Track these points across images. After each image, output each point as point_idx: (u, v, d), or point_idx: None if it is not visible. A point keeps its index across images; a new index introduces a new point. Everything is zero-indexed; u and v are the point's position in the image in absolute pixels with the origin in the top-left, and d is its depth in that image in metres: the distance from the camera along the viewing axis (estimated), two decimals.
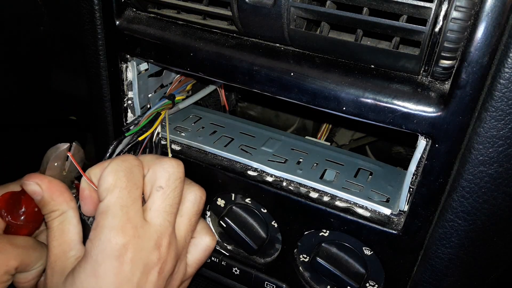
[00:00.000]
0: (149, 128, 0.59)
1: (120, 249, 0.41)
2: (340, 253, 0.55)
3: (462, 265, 0.47)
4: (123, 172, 0.44)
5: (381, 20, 0.39)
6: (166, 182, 0.46)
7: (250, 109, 0.82)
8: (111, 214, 0.42)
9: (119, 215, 0.42)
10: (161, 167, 0.46)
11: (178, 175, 0.47)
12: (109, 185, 0.43)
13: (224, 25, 0.50)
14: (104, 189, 0.43)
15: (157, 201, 0.45)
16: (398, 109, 0.42)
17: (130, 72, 0.60)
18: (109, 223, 0.42)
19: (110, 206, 0.42)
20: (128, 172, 0.44)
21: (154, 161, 0.47)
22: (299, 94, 0.47)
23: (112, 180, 0.43)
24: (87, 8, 0.56)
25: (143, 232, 0.43)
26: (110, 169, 0.44)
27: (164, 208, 0.45)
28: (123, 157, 0.46)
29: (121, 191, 0.43)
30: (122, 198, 0.43)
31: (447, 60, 0.39)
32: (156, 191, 0.45)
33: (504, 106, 0.38)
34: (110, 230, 0.42)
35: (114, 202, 0.43)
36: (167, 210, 0.46)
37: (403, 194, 0.49)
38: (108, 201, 0.43)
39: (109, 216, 0.42)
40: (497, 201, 0.42)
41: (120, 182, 0.43)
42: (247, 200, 0.58)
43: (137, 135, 0.57)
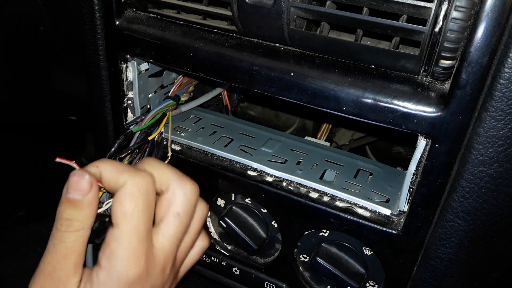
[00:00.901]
0: (156, 127, 0.58)
1: (134, 280, 0.41)
2: (340, 253, 0.55)
3: (462, 265, 0.47)
4: (141, 198, 0.41)
5: (381, 20, 0.39)
6: (183, 208, 0.44)
7: (250, 109, 0.83)
8: (127, 244, 0.41)
9: (135, 246, 0.41)
10: (181, 191, 0.44)
11: (194, 200, 0.45)
12: (126, 212, 0.41)
13: (224, 25, 0.50)
14: (120, 214, 0.41)
15: (172, 228, 0.44)
16: (398, 109, 0.42)
17: (130, 72, 0.61)
18: (125, 253, 0.40)
19: (127, 235, 0.41)
20: (145, 198, 0.42)
21: (174, 180, 0.44)
22: (299, 94, 0.47)
23: (130, 207, 0.41)
24: (87, 8, 0.56)
25: (153, 259, 0.43)
26: (128, 193, 0.41)
27: (176, 234, 0.44)
28: (141, 177, 0.42)
29: (138, 221, 0.41)
30: (139, 228, 0.41)
31: (447, 60, 0.39)
32: (173, 217, 0.44)
33: (504, 106, 0.38)
34: (126, 261, 0.40)
35: (131, 232, 0.41)
36: (179, 237, 0.45)
37: (403, 194, 0.49)
38: (124, 229, 0.41)
39: (125, 245, 0.41)
40: (497, 201, 0.42)
41: (138, 210, 0.41)
42: (247, 200, 0.58)
43: (145, 134, 0.57)
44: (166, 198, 0.44)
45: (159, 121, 0.59)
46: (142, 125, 0.57)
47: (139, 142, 0.55)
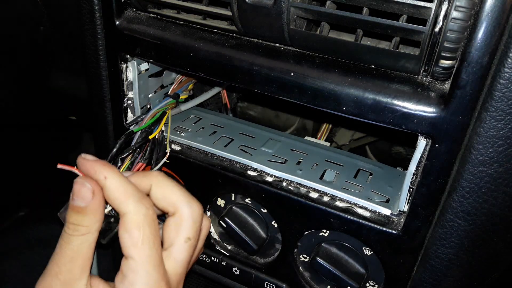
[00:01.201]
0: (156, 126, 0.58)
1: None
2: (340, 253, 0.55)
3: (462, 265, 0.47)
4: (148, 226, 0.41)
5: (381, 20, 0.39)
6: (194, 233, 0.45)
7: (250, 109, 0.82)
8: (145, 273, 0.41)
9: (153, 275, 0.41)
10: (190, 215, 0.44)
11: (201, 222, 0.46)
12: (137, 242, 0.41)
13: (224, 25, 0.50)
14: (131, 245, 0.41)
15: (184, 253, 0.44)
16: (398, 109, 0.42)
17: (130, 72, 0.61)
18: (144, 282, 0.41)
19: (142, 264, 0.41)
20: (152, 225, 0.42)
21: (182, 202, 0.44)
22: (299, 94, 0.47)
23: (138, 236, 0.41)
24: (87, 8, 0.56)
25: (169, 285, 0.43)
26: (135, 222, 0.41)
27: (187, 259, 0.45)
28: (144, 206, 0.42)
29: (150, 249, 0.41)
30: (153, 256, 0.41)
31: (447, 60, 0.39)
32: (184, 242, 0.44)
33: (504, 106, 0.38)
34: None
35: (145, 261, 0.41)
36: (189, 260, 0.45)
37: (403, 194, 0.49)
38: (138, 259, 0.41)
39: (143, 275, 0.41)
40: (497, 201, 0.42)
41: (147, 239, 0.41)
42: (247, 200, 0.58)
43: (146, 133, 0.57)
44: (175, 222, 0.44)
45: (159, 119, 0.59)
46: (142, 125, 0.57)
47: (140, 142, 0.55)
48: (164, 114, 0.60)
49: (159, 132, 0.59)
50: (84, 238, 0.41)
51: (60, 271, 0.41)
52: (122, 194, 0.42)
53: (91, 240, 0.42)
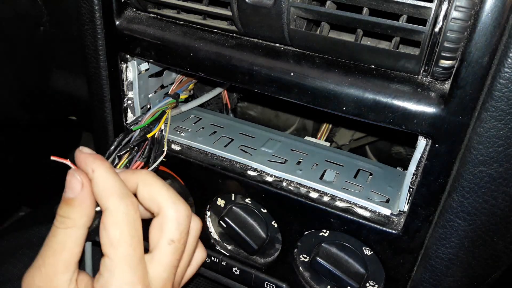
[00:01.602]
0: (155, 125, 0.58)
1: None
2: (340, 253, 0.55)
3: (462, 265, 0.47)
4: (127, 226, 0.40)
5: (381, 20, 0.39)
6: (178, 236, 0.43)
7: (250, 109, 0.83)
8: (120, 273, 0.40)
9: (128, 275, 0.40)
10: (174, 217, 0.42)
11: (187, 223, 0.44)
12: (113, 240, 0.40)
13: (224, 25, 0.50)
14: (108, 243, 0.40)
15: (168, 256, 0.42)
16: (398, 109, 0.42)
17: (130, 72, 0.61)
18: (118, 283, 0.39)
19: (118, 263, 0.40)
20: (132, 225, 0.41)
21: (166, 203, 0.43)
22: (299, 94, 0.47)
23: (115, 235, 0.40)
24: (87, 8, 0.56)
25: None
26: (113, 221, 0.40)
27: (172, 262, 0.43)
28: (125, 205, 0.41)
29: (127, 250, 0.40)
30: (129, 257, 0.40)
31: (447, 60, 0.39)
32: (168, 244, 0.42)
33: (504, 106, 0.38)
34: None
35: (121, 260, 0.40)
36: (174, 264, 0.43)
37: (403, 194, 0.49)
38: (114, 257, 0.40)
39: (118, 275, 0.39)
40: (497, 201, 0.42)
41: (125, 238, 0.40)
42: (247, 200, 0.58)
43: (145, 132, 0.57)
44: (158, 223, 0.43)
45: (159, 119, 0.59)
46: (141, 123, 0.57)
47: (138, 140, 0.55)
48: (163, 114, 0.60)
49: (158, 131, 0.59)
50: (70, 231, 0.40)
51: (43, 263, 0.40)
52: (105, 190, 0.41)
53: (77, 235, 0.41)
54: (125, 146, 0.53)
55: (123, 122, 0.63)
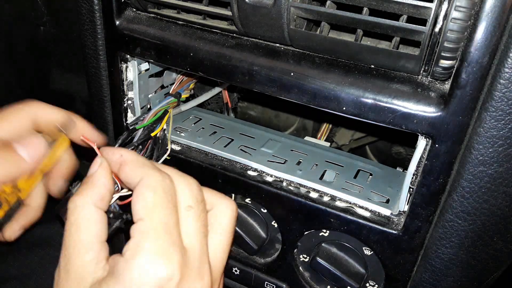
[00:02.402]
0: (158, 124, 0.59)
1: (162, 281, 0.36)
2: (340, 253, 0.55)
3: (462, 265, 0.47)
4: (162, 190, 0.39)
5: (381, 20, 0.39)
6: (195, 201, 0.41)
7: (250, 109, 0.83)
8: (154, 235, 0.37)
9: (163, 237, 0.37)
10: (186, 185, 0.41)
11: (202, 196, 0.42)
12: (149, 203, 0.38)
13: (224, 25, 0.50)
14: (142, 207, 0.38)
15: (191, 222, 0.40)
16: (398, 109, 0.42)
17: (131, 72, 0.61)
18: (152, 245, 0.36)
19: (153, 226, 0.37)
20: (167, 191, 0.39)
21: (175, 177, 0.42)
22: (299, 94, 0.47)
23: (152, 198, 0.38)
24: (87, 8, 0.56)
25: (186, 260, 0.38)
26: (148, 185, 0.39)
27: (200, 229, 0.40)
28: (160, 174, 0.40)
29: (163, 211, 0.38)
30: (165, 219, 0.38)
31: (447, 60, 0.39)
32: (186, 211, 0.40)
33: (504, 106, 0.38)
34: (154, 255, 0.36)
35: (157, 222, 0.37)
36: (203, 232, 0.41)
37: (403, 194, 0.49)
38: (150, 220, 0.37)
39: (152, 237, 0.36)
40: (497, 201, 0.42)
41: (161, 201, 0.38)
42: (247, 200, 0.58)
43: (148, 130, 0.57)
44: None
45: (161, 118, 0.60)
46: (144, 122, 0.57)
47: (142, 138, 0.55)
48: (166, 113, 0.60)
49: (160, 130, 0.59)
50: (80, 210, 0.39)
51: (65, 246, 0.39)
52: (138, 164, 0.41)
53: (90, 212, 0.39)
54: (129, 145, 0.54)
55: (123, 122, 0.63)
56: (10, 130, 0.48)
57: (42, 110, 0.50)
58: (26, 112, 0.50)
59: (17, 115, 0.49)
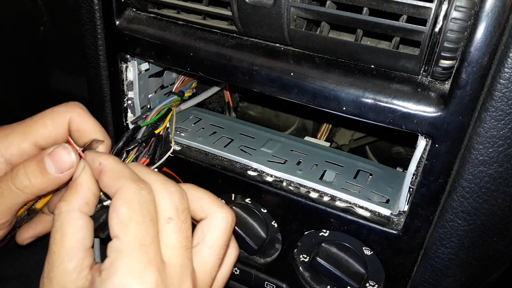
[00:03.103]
0: (161, 123, 0.59)
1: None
2: (340, 253, 0.55)
3: (462, 265, 0.47)
4: (138, 204, 0.37)
5: (381, 20, 0.39)
6: (175, 213, 0.39)
7: (250, 109, 0.83)
8: (128, 254, 0.35)
9: (137, 255, 0.35)
10: (166, 194, 0.39)
11: (185, 205, 0.40)
12: (124, 219, 0.36)
13: (224, 25, 0.50)
14: (117, 223, 0.36)
15: (171, 235, 0.38)
16: (398, 109, 0.42)
17: (131, 72, 0.61)
18: (126, 265, 0.35)
19: (127, 244, 0.35)
20: (143, 203, 0.37)
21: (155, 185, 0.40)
22: (299, 94, 0.47)
23: (126, 213, 0.36)
24: (87, 8, 0.56)
25: (165, 276, 0.36)
26: (122, 198, 0.37)
27: (181, 243, 0.38)
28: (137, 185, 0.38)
29: (138, 227, 0.36)
30: (140, 235, 0.36)
31: (447, 60, 0.39)
32: (166, 223, 0.38)
33: (504, 106, 0.38)
34: (128, 274, 0.34)
35: (132, 240, 0.36)
36: (185, 245, 0.38)
37: (403, 194, 0.49)
38: (124, 237, 0.36)
39: (126, 256, 0.35)
40: (497, 201, 0.42)
41: (136, 216, 0.36)
42: (247, 200, 0.58)
43: (152, 128, 0.57)
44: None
45: (164, 116, 0.60)
46: (148, 120, 0.57)
47: (146, 135, 0.55)
48: (169, 111, 0.60)
49: (163, 129, 0.59)
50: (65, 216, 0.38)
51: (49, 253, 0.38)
52: (114, 173, 0.39)
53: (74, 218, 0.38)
54: (133, 141, 0.54)
55: (123, 122, 0.63)
56: (45, 136, 0.46)
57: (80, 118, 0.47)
58: (64, 116, 0.47)
59: (55, 119, 0.47)
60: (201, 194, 0.43)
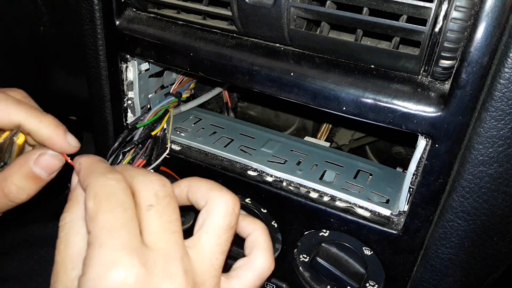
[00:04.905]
0: (159, 123, 0.59)
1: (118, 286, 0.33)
2: (340, 253, 0.55)
3: (462, 265, 0.47)
4: (105, 194, 0.36)
5: (381, 20, 0.39)
6: (154, 199, 0.37)
7: (250, 109, 0.83)
8: (98, 243, 0.34)
9: (108, 242, 0.34)
10: (146, 184, 0.38)
11: (167, 192, 0.39)
12: (91, 212, 0.35)
13: (224, 25, 0.50)
14: (87, 218, 0.36)
15: (153, 220, 0.37)
16: (398, 109, 0.42)
17: (131, 72, 0.61)
18: (97, 254, 0.33)
19: (96, 233, 0.34)
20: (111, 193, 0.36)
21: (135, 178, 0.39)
22: (299, 94, 0.47)
23: (92, 205, 0.35)
24: (87, 8, 0.56)
25: (144, 259, 0.34)
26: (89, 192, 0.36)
27: (164, 227, 0.37)
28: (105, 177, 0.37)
29: (104, 215, 0.35)
30: (108, 223, 0.34)
31: (447, 60, 0.39)
32: (147, 211, 0.37)
33: (504, 106, 0.38)
34: (100, 263, 0.33)
35: (100, 229, 0.34)
36: (169, 229, 0.37)
37: (403, 194, 0.49)
38: (93, 230, 0.35)
39: (96, 245, 0.34)
40: (497, 201, 0.42)
41: (103, 206, 0.35)
42: (247, 200, 0.58)
43: (149, 129, 0.57)
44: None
45: (161, 117, 0.60)
46: (145, 121, 0.57)
47: (143, 137, 0.55)
48: (166, 112, 0.60)
49: (161, 130, 0.59)
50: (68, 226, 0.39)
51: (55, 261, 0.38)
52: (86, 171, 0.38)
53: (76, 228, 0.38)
54: (129, 143, 0.54)
55: (123, 122, 0.63)
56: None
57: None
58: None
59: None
60: (201, 183, 0.41)
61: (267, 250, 0.42)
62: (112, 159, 0.53)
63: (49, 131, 0.43)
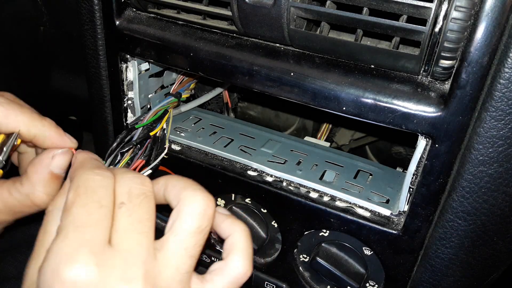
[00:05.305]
0: (157, 124, 0.59)
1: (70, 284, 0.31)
2: (340, 253, 0.55)
3: (462, 265, 0.47)
4: (84, 188, 0.36)
5: (381, 20, 0.39)
6: (126, 197, 0.37)
7: (250, 109, 0.83)
8: (62, 236, 0.33)
9: (71, 237, 0.33)
10: (124, 181, 0.38)
11: (142, 189, 0.38)
12: (68, 203, 0.35)
13: (224, 25, 0.50)
14: (63, 209, 0.36)
15: (122, 219, 0.35)
16: (398, 109, 0.42)
17: (131, 72, 0.61)
18: (58, 247, 0.33)
19: (64, 226, 0.34)
20: (91, 188, 0.36)
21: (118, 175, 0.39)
22: (299, 94, 0.47)
23: (71, 197, 0.35)
24: (87, 8, 0.56)
25: (103, 260, 0.33)
26: (72, 185, 0.37)
27: (132, 226, 0.35)
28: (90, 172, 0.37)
29: (78, 209, 0.34)
30: (78, 217, 0.34)
31: (447, 60, 0.39)
32: (118, 208, 0.36)
33: (504, 106, 0.38)
34: (58, 256, 0.32)
35: (69, 222, 0.34)
36: (137, 229, 0.35)
37: (403, 194, 0.49)
38: (63, 221, 0.34)
39: (60, 238, 0.33)
40: (497, 201, 0.42)
41: (79, 199, 0.35)
42: (247, 200, 0.58)
43: (148, 130, 0.57)
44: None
45: (161, 117, 0.60)
46: (144, 121, 0.57)
47: (141, 137, 0.55)
48: (165, 113, 0.60)
49: (160, 130, 0.59)
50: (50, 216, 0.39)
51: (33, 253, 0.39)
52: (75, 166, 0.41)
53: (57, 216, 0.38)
54: (128, 143, 0.54)
55: (123, 122, 0.63)
56: None
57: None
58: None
59: None
60: (177, 182, 0.39)
61: (245, 254, 0.39)
62: (111, 160, 0.53)
63: (52, 133, 0.46)
